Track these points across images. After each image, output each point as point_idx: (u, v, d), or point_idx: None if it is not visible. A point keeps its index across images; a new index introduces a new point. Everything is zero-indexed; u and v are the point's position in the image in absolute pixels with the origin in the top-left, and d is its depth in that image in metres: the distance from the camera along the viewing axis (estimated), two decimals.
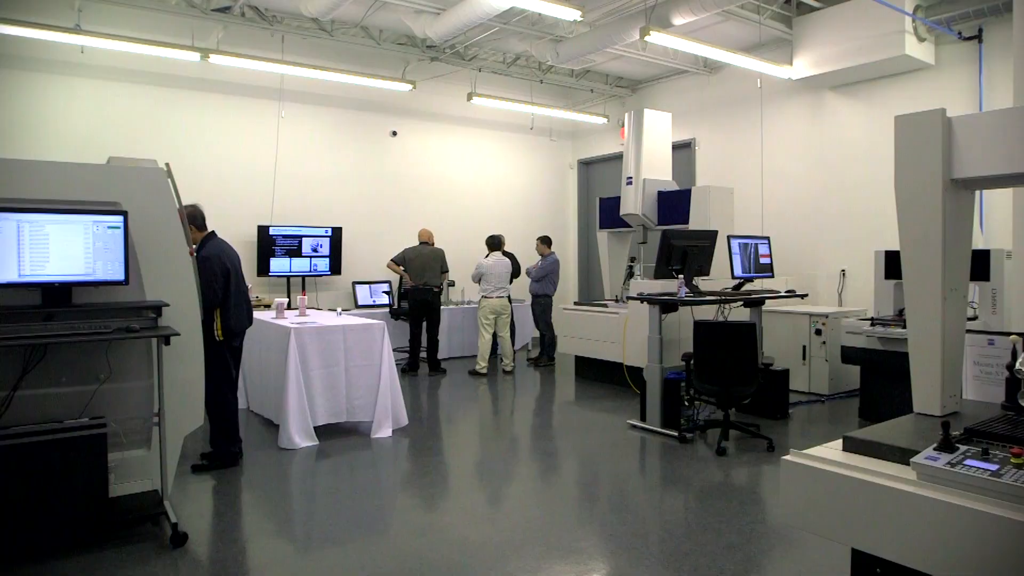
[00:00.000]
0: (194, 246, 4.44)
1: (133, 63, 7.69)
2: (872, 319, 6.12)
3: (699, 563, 3.25)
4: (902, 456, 1.77)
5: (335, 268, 9.10)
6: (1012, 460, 1.56)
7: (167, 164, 3.86)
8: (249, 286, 5.10)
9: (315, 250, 8.94)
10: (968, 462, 1.60)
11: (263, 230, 8.55)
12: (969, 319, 5.66)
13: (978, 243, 6.11)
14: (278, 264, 8.68)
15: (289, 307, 7.53)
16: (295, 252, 8.79)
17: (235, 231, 8.14)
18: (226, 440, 4.75)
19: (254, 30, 7.93)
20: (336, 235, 9.09)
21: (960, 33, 6.97)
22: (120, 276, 3.55)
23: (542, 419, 6.62)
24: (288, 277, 8.82)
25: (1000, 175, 2.00)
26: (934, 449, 1.68)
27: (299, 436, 5.19)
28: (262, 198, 8.65)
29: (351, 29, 8.30)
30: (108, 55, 7.44)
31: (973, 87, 6.97)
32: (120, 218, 3.54)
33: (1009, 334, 2.18)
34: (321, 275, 9.07)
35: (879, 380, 5.80)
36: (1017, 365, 1.79)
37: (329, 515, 3.97)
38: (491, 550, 3.44)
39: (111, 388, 3.63)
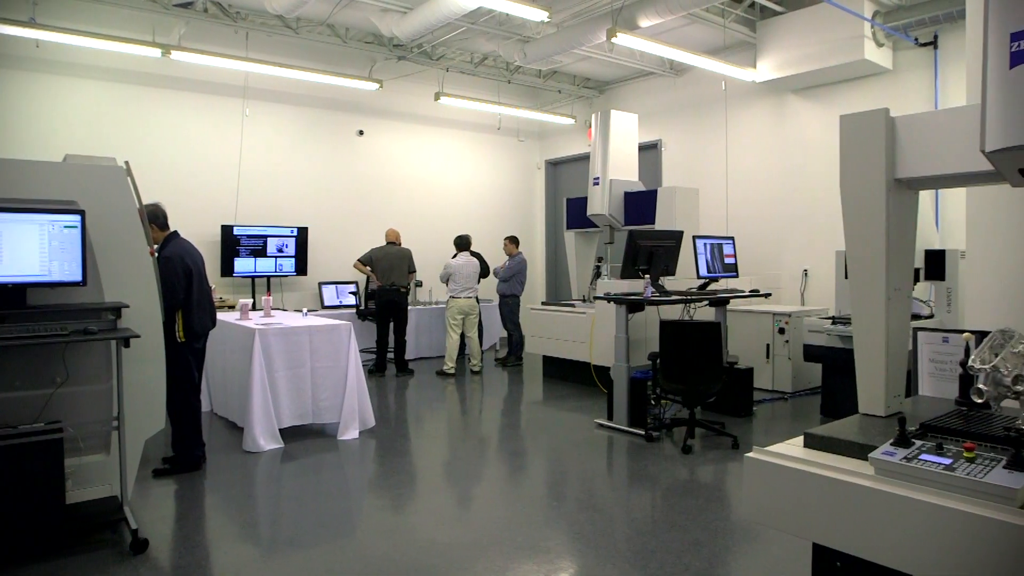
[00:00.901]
0: (155, 246, 4.36)
1: (91, 58, 7.52)
2: (833, 318, 6.25)
3: (665, 560, 3.28)
4: (860, 452, 1.80)
5: (301, 268, 9.00)
6: (964, 454, 1.60)
7: (126, 162, 3.78)
8: (212, 287, 5.01)
9: (280, 250, 8.83)
10: (923, 457, 1.64)
11: (227, 230, 8.42)
12: (925, 317, 5.82)
13: (934, 243, 6.27)
14: (242, 264, 8.55)
15: (254, 308, 7.44)
16: (260, 252, 8.67)
17: (198, 231, 7.99)
18: (189, 444, 4.67)
19: (217, 26, 7.81)
20: (302, 235, 8.98)
21: (916, 39, 7.15)
22: (77, 277, 3.46)
23: (510, 419, 6.63)
24: (253, 278, 8.70)
25: (942, 175, 2.03)
26: (891, 444, 1.72)
27: (264, 439, 5.12)
28: (226, 197, 8.52)
29: (317, 27, 8.22)
30: (65, 50, 7.27)
31: (929, 91, 7.16)
32: (77, 217, 3.46)
33: (962, 332, 2.23)
34: (287, 275, 8.96)
35: (840, 377, 5.92)
36: (969, 362, 1.84)
37: (294, 518, 3.93)
38: (459, 551, 3.44)
39: (68, 392, 3.54)
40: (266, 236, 8.70)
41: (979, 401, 1.80)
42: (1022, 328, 1.89)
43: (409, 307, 8.56)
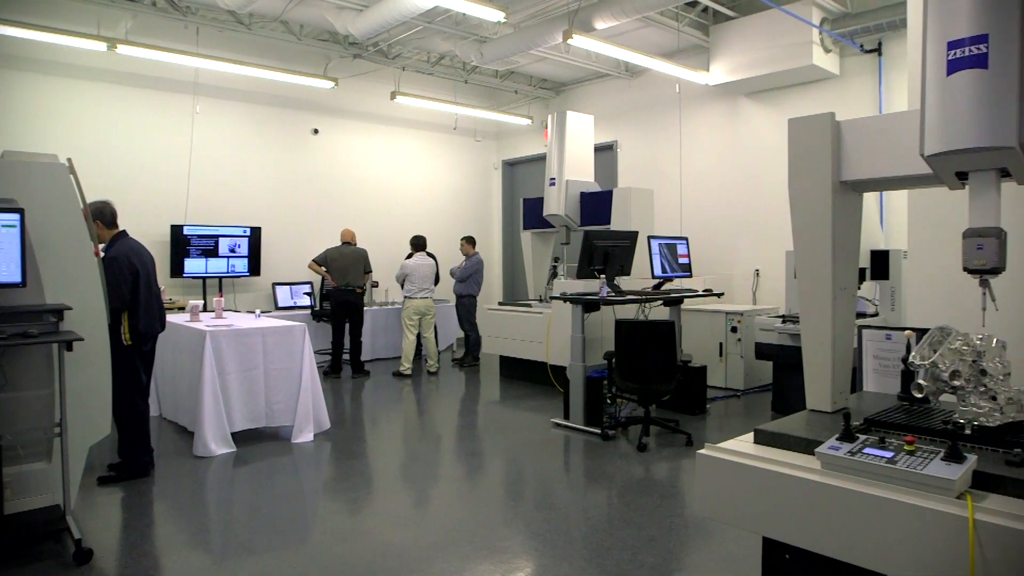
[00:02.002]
0: (102, 245, 4.24)
1: (32, 51, 7.25)
2: (783, 317, 6.40)
3: (621, 557, 3.31)
4: (808, 447, 1.85)
5: (254, 269, 8.83)
6: (905, 447, 1.65)
7: (69, 159, 3.66)
8: (162, 288, 4.89)
9: (233, 250, 8.65)
10: (867, 450, 1.69)
11: (177, 229, 8.21)
12: (871, 315, 5.99)
13: (879, 244, 6.46)
14: (193, 265, 8.35)
15: (205, 309, 7.28)
16: (211, 252, 8.48)
17: (146, 230, 7.77)
18: (136, 449, 4.54)
19: (166, 20, 7.61)
20: (255, 235, 8.82)
21: (862, 46, 7.37)
22: (16, 278, 3.33)
23: (467, 419, 6.62)
24: (204, 278, 8.50)
25: (884, 177, 2.10)
26: (836, 439, 1.77)
27: (215, 443, 5.01)
28: (175, 196, 8.31)
29: (270, 23, 8.08)
30: (4, 42, 6.98)
31: (874, 96, 7.38)
32: (16, 216, 3.32)
33: (904, 329, 2.31)
34: (239, 276, 8.78)
35: (790, 374, 6.06)
36: (909, 358, 1.90)
37: (247, 523, 3.85)
38: (415, 553, 3.42)
39: (7, 398, 3.41)
40: (218, 236, 8.52)
41: (919, 396, 1.86)
42: (960, 325, 1.96)
43: (365, 308, 8.49)
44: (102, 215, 4.48)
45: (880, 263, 6.01)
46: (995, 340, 1.85)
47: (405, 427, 6.35)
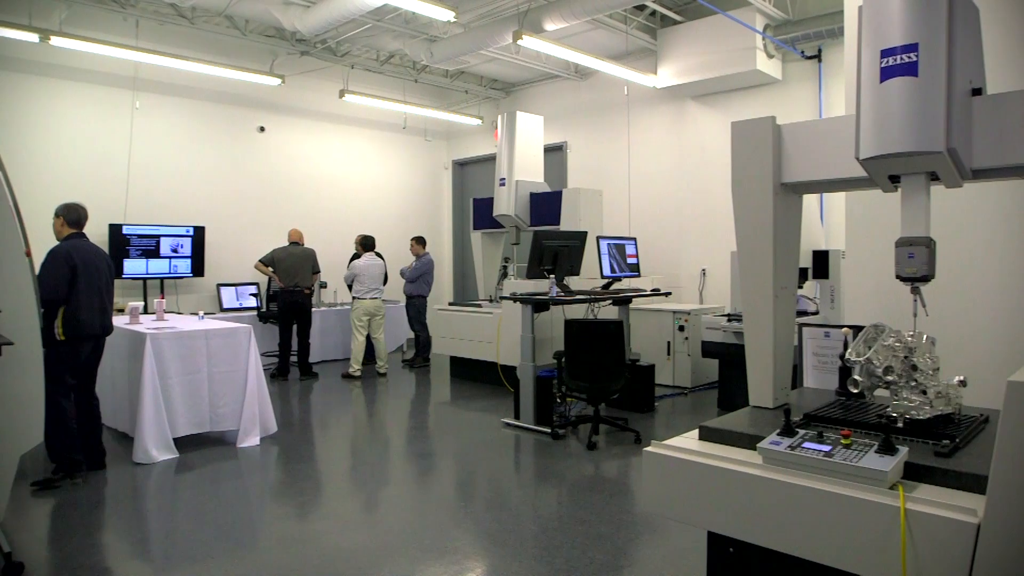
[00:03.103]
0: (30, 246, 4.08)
1: None
2: (728, 315, 6.53)
3: (571, 555, 3.34)
4: (750, 442, 1.90)
5: (197, 270, 8.61)
6: (842, 441, 1.71)
7: None
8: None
9: (175, 250, 8.41)
10: (806, 445, 1.74)
11: (115, 229, 7.95)
12: (812, 314, 6.17)
13: (820, 244, 6.66)
14: (133, 265, 8.09)
15: (145, 311, 7.07)
16: (152, 253, 8.23)
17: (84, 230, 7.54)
18: (62, 447, 4.35)
19: (103, 12, 7.37)
20: (198, 235, 8.59)
21: (803, 52, 7.59)
22: None
23: (417, 421, 6.58)
24: (145, 279, 8.25)
25: (823, 180, 2.17)
26: (777, 434, 1.82)
27: (156, 449, 4.87)
28: (114, 194, 8.04)
29: (214, 18, 7.89)
30: None
31: (814, 101, 7.61)
32: None
33: (841, 327, 2.38)
34: (182, 277, 8.55)
35: (735, 372, 6.17)
36: (846, 355, 1.97)
37: (191, 531, 3.75)
38: (364, 556, 3.38)
39: None
40: (159, 236, 8.27)
41: (855, 391, 1.93)
42: (894, 322, 2.03)
43: (313, 309, 8.36)
44: (66, 212, 4.55)
45: (821, 263, 6.18)
46: (925, 337, 1.93)
47: (354, 429, 6.28)
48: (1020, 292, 2.96)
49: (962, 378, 1.94)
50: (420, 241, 9.17)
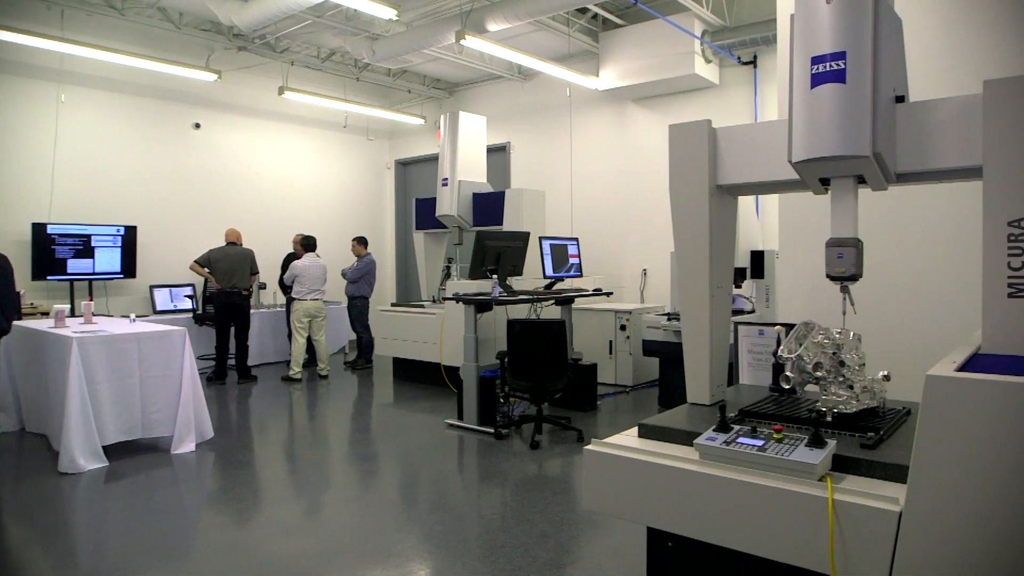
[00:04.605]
0: None
1: None
2: (668, 314, 6.66)
3: (514, 555, 3.35)
4: (687, 439, 1.93)
5: (129, 271, 8.30)
6: (775, 436, 1.76)
7: None
8: (21, 292, 4.52)
9: (105, 251, 8.09)
10: (740, 440, 1.79)
11: (39, 228, 7.60)
12: (748, 312, 6.34)
13: (758, 244, 6.84)
14: (59, 266, 7.75)
15: (73, 314, 6.78)
16: (81, 253, 7.90)
17: (3, 228, 7.21)
18: None
19: (25, 0, 7.02)
20: (130, 234, 8.29)
21: (739, 58, 7.80)
22: None
23: (359, 423, 6.49)
24: (72, 281, 7.91)
25: (757, 182, 2.23)
26: (713, 430, 1.86)
27: (84, 458, 4.67)
28: (38, 192, 7.70)
29: (146, 9, 7.64)
30: None
31: (750, 106, 7.82)
32: None
33: (775, 325, 2.45)
34: (112, 278, 8.23)
35: (675, 370, 6.31)
36: (779, 352, 2.03)
37: (120, 543, 3.61)
38: (305, 563, 3.32)
39: None
40: (87, 235, 7.95)
41: (787, 387, 1.99)
42: (826, 320, 2.10)
43: (252, 310, 8.16)
44: None
45: (757, 263, 6.36)
46: (852, 333, 2.00)
47: (295, 433, 6.16)
48: (940, 290, 3.10)
49: (886, 373, 2.02)
50: (362, 241, 9.06)
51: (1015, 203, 1.70)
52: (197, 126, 9.18)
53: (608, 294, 7.06)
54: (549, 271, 6.54)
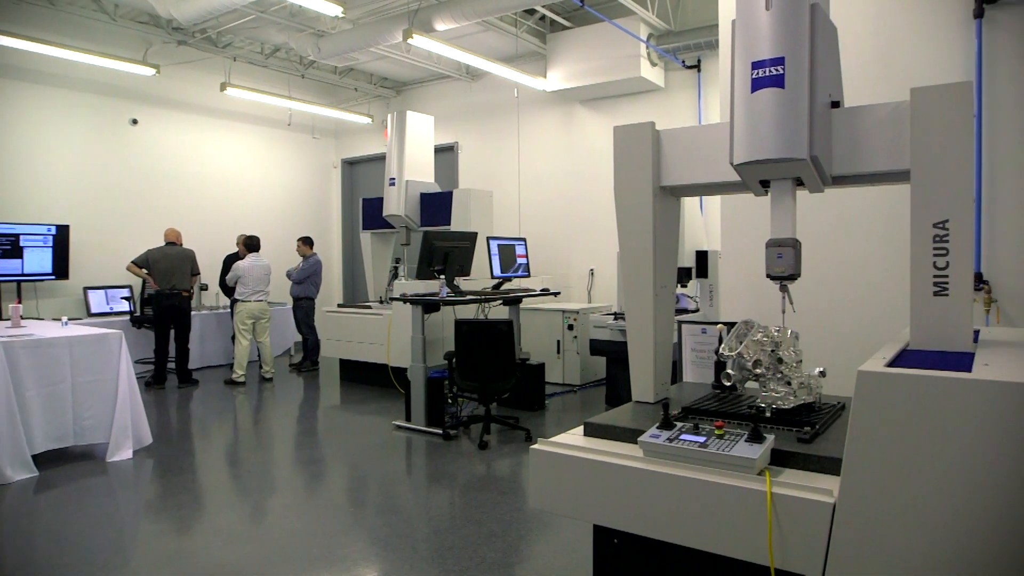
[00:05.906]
0: None
1: None
2: (615, 314, 6.74)
3: (462, 555, 3.34)
4: (632, 436, 1.96)
5: (61, 272, 7.97)
6: (716, 432, 1.80)
7: None
8: None
9: (34, 251, 7.74)
10: (683, 437, 1.82)
11: None
12: (692, 311, 6.46)
13: (703, 245, 6.98)
14: None
15: (0, 318, 6.48)
16: (8, 253, 7.55)
17: None
18: None
19: None
20: (62, 234, 7.95)
21: (684, 62, 7.95)
22: None
23: (305, 426, 6.38)
24: None
25: (699, 184, 2.28)
26: (656, 428, 1.89)
27: (11, 468, 4.45)
28: None
29: (79, 0, 7.34)
30: None
31: (694, 109, 7.98)
32: None
33: (716, 324, 2.51)
34: (43, 280, 7.88)
35: (621, 369, 6.38)
36: (720, 350, 2.07)
37: (51, 556, 3.46)
38: (248, 570, 3.24)
39: None
40: (15, 235, 7.60)
41: (728, 384, 2.03)
42: (766, 319, 2.16)
43: (192, 312, 7.94)
44: None
45: (701, 263, 6.50)
46: (790, 331, 2.06)
47: (238, 437, 6.01)
48: (874, 289, 3.22)
49: (822, 369, 2.09)
50: (307, 241, 8.91)
51: (940, 206, 1.78)
52: (135, 122, 8.88)
53: (556, 294, 7.11)
54: (497, 271, 6.54)
